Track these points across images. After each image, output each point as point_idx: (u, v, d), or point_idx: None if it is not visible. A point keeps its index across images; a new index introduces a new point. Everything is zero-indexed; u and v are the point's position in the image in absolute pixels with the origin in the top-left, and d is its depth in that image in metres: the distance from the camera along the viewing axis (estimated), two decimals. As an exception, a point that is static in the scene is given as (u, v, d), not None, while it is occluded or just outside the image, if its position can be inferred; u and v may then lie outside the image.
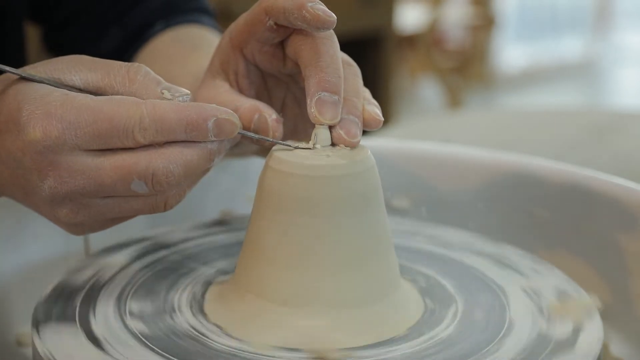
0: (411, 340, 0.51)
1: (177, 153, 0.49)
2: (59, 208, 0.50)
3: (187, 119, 0.48)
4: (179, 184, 0.50)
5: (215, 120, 0.49)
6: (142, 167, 0.48)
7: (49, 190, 0.49)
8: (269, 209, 0.52)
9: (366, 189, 0.52)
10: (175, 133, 0.48)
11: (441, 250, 0.64)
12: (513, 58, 5.06)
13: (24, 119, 0.48)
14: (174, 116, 0.48)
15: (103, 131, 0.48)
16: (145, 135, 0.48)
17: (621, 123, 1.21)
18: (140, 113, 0.48)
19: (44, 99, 0.48)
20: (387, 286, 0.53)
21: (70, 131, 0.47)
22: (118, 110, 0.48)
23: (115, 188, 0.49)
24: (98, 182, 0.49)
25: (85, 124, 0.48)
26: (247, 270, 0.53)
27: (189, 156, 0.49)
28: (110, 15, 0.85)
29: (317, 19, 0.51)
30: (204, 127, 0.49)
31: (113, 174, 0.48)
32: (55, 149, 0.48)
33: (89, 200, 0.50)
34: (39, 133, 0.47)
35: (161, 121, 0.48)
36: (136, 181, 0.48)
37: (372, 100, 0.55)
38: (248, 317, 0.52)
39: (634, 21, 5.82)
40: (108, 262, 0.59)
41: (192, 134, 0.49)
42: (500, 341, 0.50)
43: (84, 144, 0.48)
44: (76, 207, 0.50)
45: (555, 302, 0.55)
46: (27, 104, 0.48)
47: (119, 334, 0.50)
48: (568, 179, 0.70)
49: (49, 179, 0.49)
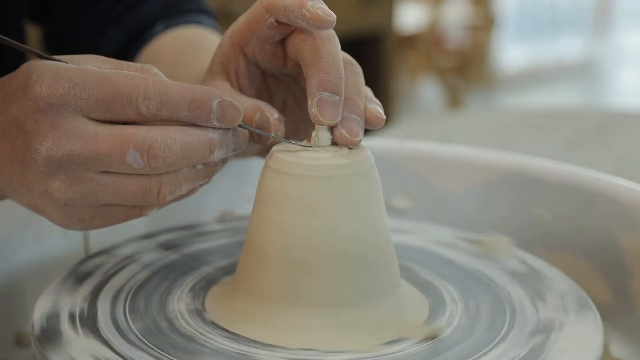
0: (414, 340, 0.51)
1: (177, 131, 0.49)
2: (52, 179, 0.49)
3: (192, 96, 0.49)
4: (175, 164, 0.49)
5: (219, 101, 0.49)
6: (139, 137, 0.48)
7: (45, 152, 0.48)
8: (269, 210, 0.52)
9: (366, 189, 0.52)
10: (179, 108, 0.49)
11: (438, 250, 0.64)
12: (513, 58, 5.06)
13: (33, 80, 0.49)
14: (179, 91, 0.49)
15: (108, 97, 0.48)
16: (148, 106, 0.48)
17: (621, 123, 1.21)
18: (146, 84, 0.48)
19: (55, 65, 0.49)
20: (388, 286, 0.53)
21: (75, 91, 0.48)
22: (124, 79, 0.48)
23: (110, 158, 0.48)
24: (94, 149, 0.48)
25: (91, 86, 0.48)
26: (248, 271, 0.53)
27: (189, 137, 0.49)
28: (111, 16, 0.85)
29: (316, 18, 0.51)
30: (208, 106, 0.49)
31: (110, 141, 0.48)
32: (58, 108, 0.48)
33: (83, 174, 0.49)
34: (45, 89, 0.48)
35: (166, 94, 0.48)
36: (132, 152, 0.48)
37: (373, 99, 0.55)
38: (250, 318, 0.52)
39: (634, 21, 5.81)
40: (107, 263, 0.59)
41: (196, 112, 0.49)
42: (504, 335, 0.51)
43: (87, 107, 0.48)
44: (69, 180, 0.49)
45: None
46: (38, 69, 0.49)
47: (120, 333, 0.50)
48: (568, 179, 0.70)
49: (47, 140, 0.48)
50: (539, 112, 1.45)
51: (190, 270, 0.59)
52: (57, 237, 0.66)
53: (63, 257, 0.68)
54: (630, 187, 0.67)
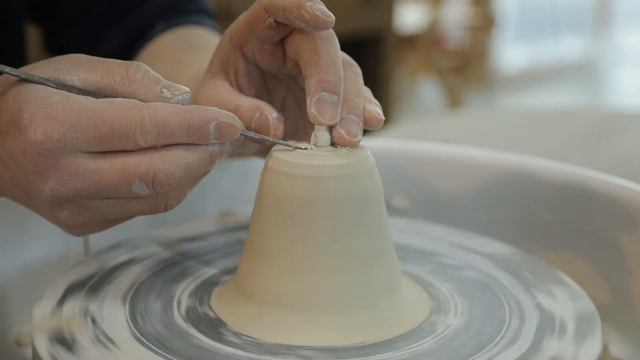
0: (418, 339, 0.51)
1: (178, 155, 0.49)
2: (60, 210, 0.50)
3: (189, 123, 0.49)
4: (179, 186, 0.50)
5: (216, 123, 0.49)
6: (143, 170, 0.48)
7: (50, 192, 0.49)
8: (269, 210, 0.52)
9: (366, 189, 0.52)
10: (177, 136, 0.49)
11: (436, 249, 0.64)
12: (513, 58, 5.06)
13: (25, 121, 0.48)
14: (175, 119, 0.48)
15: (104, 134, 0.48)
16: (146, 139, 0.48)
17: (621, 123, 1.21)
18: (142, 116, 0.48)
19: (45, 101, 0.48)
20: (390, 286, 0.53)
21: (72, 134, 0.48)
22: (119, 114, 0.48)
23: (116, 190, 0.49)
24: (99, 184, 0.49)
25: (86, 127, 0.48)
26: (249, 272, 0.53)
27: (190, 158, 0.49)
28: (111, 16, 0.85)
29: (315, 18, 0.51)
30: (206, 131, 0.49)
31: (114, 176, 0.49)
32: (57, 152, 0.48)
33: (90, 202, 0.50)
34: (40, 135, 0.48)
35: (163, 125, 0.48)
36: (137, 183, 0.49)
37: (372, 100, 0.55)
38: (251, 319, 0.52)
39: (634, 21, 5.81)
40: (107, 263, 0.59)
41: (194, 137, 0.49)
42: (506, 333, 0.51)
43: (85, 146, 0.48)
44: (77, 208, 0.50)
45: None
46: (28, 107, 0.48)
47: (125, 335, 0.50)
48: (568, 179, 0.70)
49: (50, 181, 0.49)
50: (539, 112, 1.45)
51: (191, 271, 0.59)
52: (57, 237, 0.66)
53: (63, 257, 0.67)
54: (630, 187, 0.67)
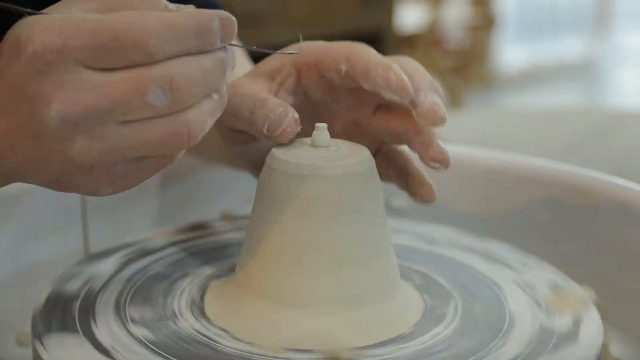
0: (418, 338, 0.51)
1: (192, 60, 0.46)
2: (71, 144, 0.45)
3: (197, 21, 0.46)
4: (198, 94, 0.46)
5: (219, 19, 0.46)
6: (158, 73, 0.45)
7: (56, 115, 0.44)
8: (269, 209, 0.52)
9: (366, 189, 0.52)
10: (189, 37, 0.45)
11: (432, 248, 0.64)
12: (513, 58, 5.06)
13: (23, 40, 0.45)
14: (183, 20, 0.45)
15: (108, 42, 0.44)
16: (158, 45, 0.44)
17: (621, 123, 1.21)
18: (148, 22, 0.45)
19: (43, 19, 0.45)
20: (389, 285, 0.53)
21: (72, 42, 0.44)
22: (122, 20, 0.44)
23: (129, 104, 0.44)
24: (110, 98, 0.44)
25: (86, 34, 0.44)
26: (248, 271, 0.53)
27: (203, 62, 0.46)
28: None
29: (401, 87, 0.53)
30: (213, 28, 0.46)
31: (125, 85, 0.44)
32: (59, 66, 0.44)
33: (102, 129, 0.45)
34: (38, 47, 0.44)
35: (172, 27, 0.45)
36: (153, 90, 0.45)
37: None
38: (252, 319, 0.52)
39: (634, 21, 5.81)
40: (99, 269, 0.59)
41: (204, 39, 0.46)
42: (504, 336, 0.51)
43: (88, 58, 0.44)
44: (89, 140, 0.45)
45: (550, 295, 0.56)
46: (26, 28, 0.45)
47: (125, 342, 0.49)
48: (568, 179, 0.70)
49: (56, 102, 0.44)
50: (539, 112, 1.45)
51: (190, 270, 0.59)
52: (57, 237, 0.66)
53: (63, 257, 0.67)
54: (630, 187, 0.67)
